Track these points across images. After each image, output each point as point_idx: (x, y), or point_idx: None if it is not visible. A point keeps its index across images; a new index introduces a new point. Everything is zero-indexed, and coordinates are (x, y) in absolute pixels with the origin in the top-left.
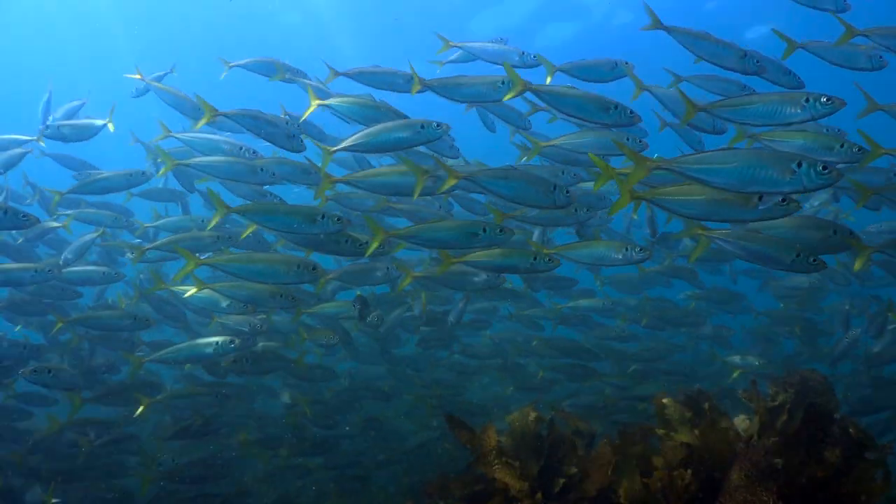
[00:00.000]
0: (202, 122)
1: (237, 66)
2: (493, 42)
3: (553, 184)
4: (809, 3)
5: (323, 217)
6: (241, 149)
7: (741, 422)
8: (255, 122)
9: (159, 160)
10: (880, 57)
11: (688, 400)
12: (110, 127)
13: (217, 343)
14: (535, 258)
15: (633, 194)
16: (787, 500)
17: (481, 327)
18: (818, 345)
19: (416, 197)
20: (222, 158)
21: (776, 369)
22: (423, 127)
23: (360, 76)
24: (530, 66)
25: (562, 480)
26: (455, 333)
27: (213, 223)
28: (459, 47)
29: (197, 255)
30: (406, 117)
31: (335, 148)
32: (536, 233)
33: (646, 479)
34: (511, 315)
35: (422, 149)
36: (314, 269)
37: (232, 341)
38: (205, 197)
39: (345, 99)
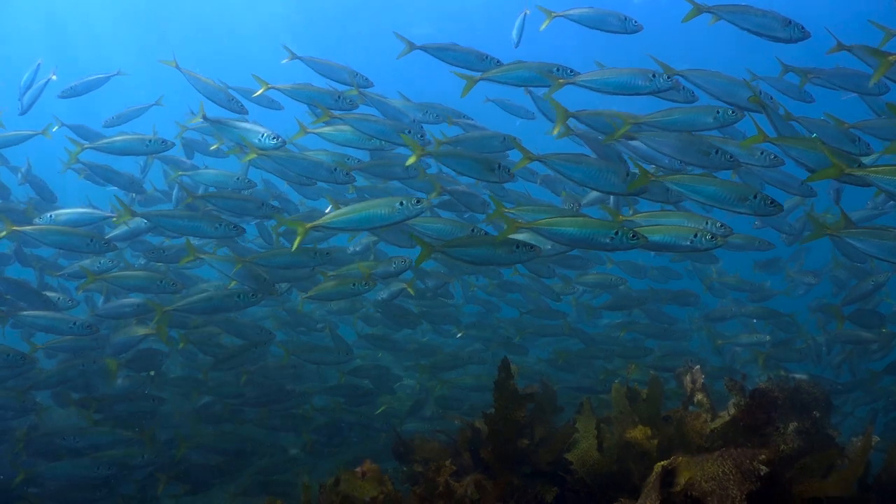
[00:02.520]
0: (320, 121)
1: (303, 60)
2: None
3: (627, 170)
4: None
5: (499, 167)
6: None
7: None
8: (369, 125)
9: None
10: None
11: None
12: None
13: (240, 295)
14: (694, 235)
15: (844, 167)
16: None
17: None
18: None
19: None
20: None
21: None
22: (654, 76)
23: (435, 51)
24: (632, 32)
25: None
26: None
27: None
28: (563, 16)
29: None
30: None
31: (568, 80)
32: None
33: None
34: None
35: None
36: (418, 202)
37: (255, 294)
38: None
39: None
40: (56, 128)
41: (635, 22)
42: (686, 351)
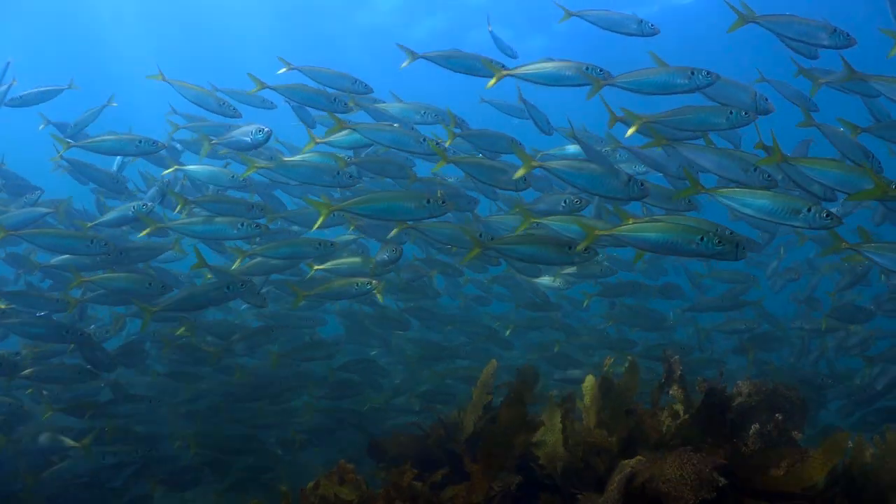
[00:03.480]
0: (333, 131)
1: (301, 70)
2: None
3: (628, 175)
4: None
5: None
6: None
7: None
8: (384, 134)
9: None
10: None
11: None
12: None
13: (228, 286)
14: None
15: (888, 188)
16: None
17: (483, 303)
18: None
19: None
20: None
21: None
22: (693, 73)
23: (438, 59)
24: (648, 35)
25: None
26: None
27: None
28: (579, 16)
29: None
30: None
31: (609, 81)
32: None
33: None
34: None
35: None
36: (443, 202)
37: (242, 283)
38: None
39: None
40: (42, 126)
41: (651, 25)
42: (674, 341)
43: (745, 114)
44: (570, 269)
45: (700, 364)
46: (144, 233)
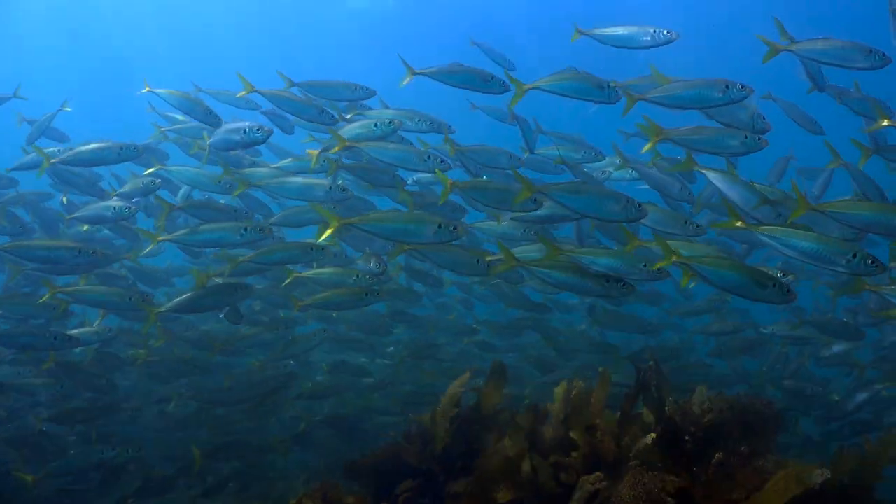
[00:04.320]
0: (337, 148)
1: (299, 85)
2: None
3: (626, 197)
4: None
5: None
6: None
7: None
8: (388, 152)
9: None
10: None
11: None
12: None
13: (234, 290)
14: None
15: None
16: None
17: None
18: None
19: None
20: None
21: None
22: (727, 87)
23: (437, 75)
24: (664, 44)
25: (459, 463)
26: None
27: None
28: (589, 35)
29: None
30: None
31: (642, 96)
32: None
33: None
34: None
35: None
36: (455, 228)
37: (246, 287)
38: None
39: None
40: (20, 124)
41: (665, 32)
42: (661, 345)
43: (759, 139)
44: None
45: (683, 371)
46: (148, 249)
